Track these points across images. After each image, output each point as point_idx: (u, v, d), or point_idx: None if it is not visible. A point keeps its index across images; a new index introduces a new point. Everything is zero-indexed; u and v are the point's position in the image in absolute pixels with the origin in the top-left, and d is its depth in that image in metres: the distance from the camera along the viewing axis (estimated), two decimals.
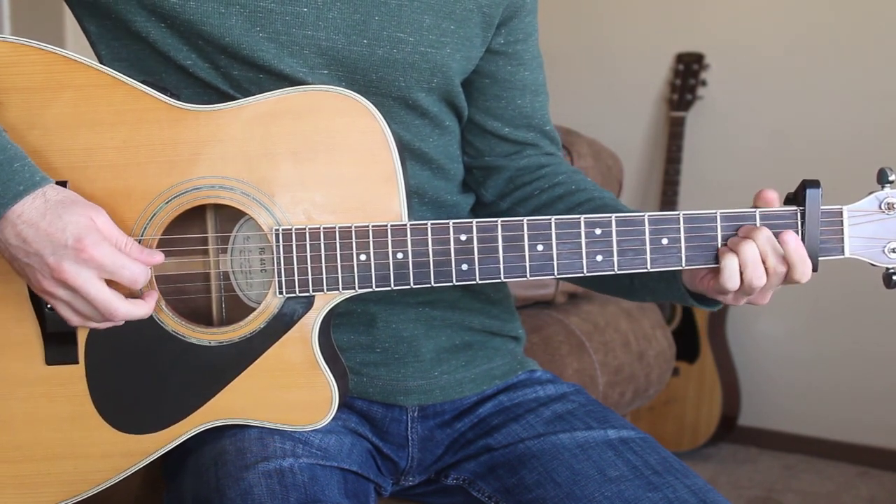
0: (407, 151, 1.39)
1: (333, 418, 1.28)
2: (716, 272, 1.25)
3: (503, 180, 1.50)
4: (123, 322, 1.22)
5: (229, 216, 1.28)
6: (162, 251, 1.25)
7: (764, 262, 1.22)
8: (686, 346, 3.67)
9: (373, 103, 1.24)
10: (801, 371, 3.77)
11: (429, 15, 1.35)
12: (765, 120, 3.73)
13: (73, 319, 1.20)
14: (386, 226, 1.23)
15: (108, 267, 1.16)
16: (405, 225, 1.23)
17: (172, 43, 1.29)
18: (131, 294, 1.22)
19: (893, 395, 3.57)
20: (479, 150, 1.50)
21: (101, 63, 1.34)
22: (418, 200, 1.42)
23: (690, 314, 3.69)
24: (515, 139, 1.50)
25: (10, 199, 1.14)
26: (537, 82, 1.51)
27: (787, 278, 1.24)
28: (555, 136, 1.54)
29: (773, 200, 1.26)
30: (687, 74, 3.80)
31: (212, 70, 1.31)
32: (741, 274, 1.23)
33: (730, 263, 1.23)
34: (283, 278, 1.24)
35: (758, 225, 1.24)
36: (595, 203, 1.42)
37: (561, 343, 2.15)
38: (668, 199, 3.75)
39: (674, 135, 3.80)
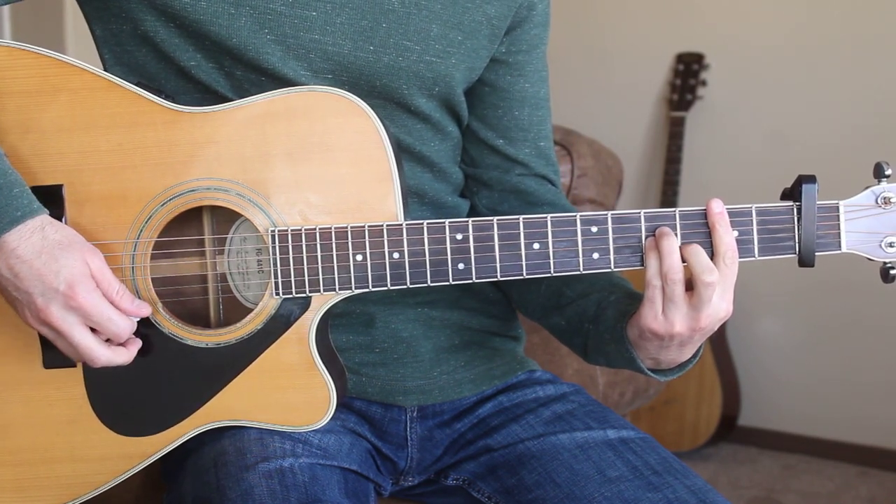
0: (408, 154, 1.39)
1: (332, 418, 1.28)
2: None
3: (495, 195, 1.50)
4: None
5: (226, 217, 1.28)
6: (159, 253, 1.25)
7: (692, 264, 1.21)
8: None
9: (374, 107, 1.24)
10: (801, 371, 3.76)
11: (437, 24, 1.35)
12: (765, 120, 3.73)
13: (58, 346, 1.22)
14: (382, 226, 1.23)
15: (94, 317, 1.17)
16: (401, 225, 1.23)
17: (179, 43, 1.30)
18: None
19: (893, 395, 3.57)
20: (473, 158, 1.51)
21: (105, 67, 1.34)
22: (418, 201, 1.42)
23: None
24: (506, 153, 1.49)
25: (6, 223, 1.14)
26: (538, 96, 1.50)
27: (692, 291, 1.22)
28: (549, 155, 1.53)
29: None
30: (687, 74, 3.80)
31: (215, 70, 1.31)
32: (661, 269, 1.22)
33: (650, 261, 1.22)
34: (280, 279, 1.23)
35: (753, 220, 1.23)
36: None
37: (561, 343, 2.15)
38: (668, 199, 3.75)
39: (674, 135, 3.79)
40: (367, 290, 1.24)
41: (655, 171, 3.96)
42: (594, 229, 1.23)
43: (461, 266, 1.23)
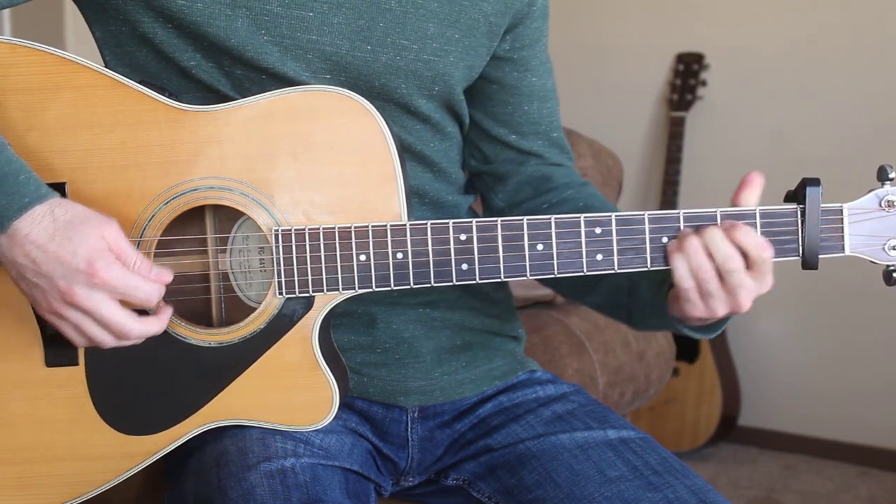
0: (409, 154, 1.39)
1: (334, 418, 1.28)
2: None
3: (511, 188, 1.51)
4: (141, 339, 1.20)
5: (228, 216, 1.28)
6: (161, 252, 1.25)
7: (714, 258, 1.21)
8: (686, 346, 3.67)
9: (374, 107, 1.24)
10: (801, 371, 3.77)
11: (433, 23, 1.35)
12: (765, 120, 3.73)
13: (79, 341, 1.19)
14: (385, 226, 1.22)
15: (120, 289, 1.15)
16: (405, 225, 1.23)
17: (178, 44, 1.29)
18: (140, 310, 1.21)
19: (893, 395, 3.57)
20: (486, 155, 1.51)
21: (107, 68, 1.34)
22: (419, 201, 1.42)
23: None
24: (520, 147, 1.50)
25: (15, 210, 1.13)
26: (545, 88, 1.50)
27: (752, 268, 1.22)
28: (563, 144, 1.54)
29: (756, 182, 1.25)
30: (687, 74, 3.80)
31: (215, 70, 1.31)
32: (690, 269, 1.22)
33: (676, 263, 1.22)
34: (283, 279, 1.23)
35: (757, 223, 1.23)
36: None
37: (561, 343, 2.15)
38: (668, 199, 3.75)
39: (674, 135, 3.80)
40: (370, 290, 1.24)
41: (655, 171, 3.96)
42: (598, 230, 1.23)
43: (465, 266, 1.23)
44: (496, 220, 1.23)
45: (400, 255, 1.23)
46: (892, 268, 1.24)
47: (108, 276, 1.14)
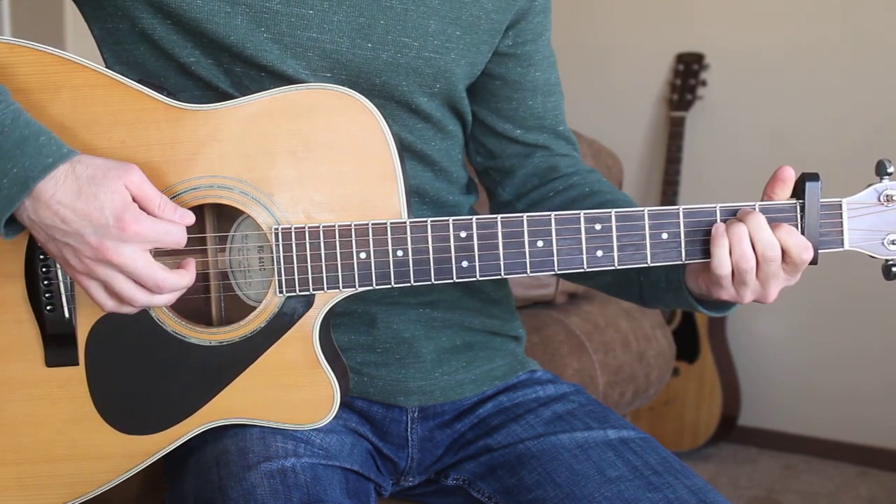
0: (409, 153, 1.39)
1: (334, 418, 1.28)
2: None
3: (518, 181, 1.51)
4: (171, 297, 1.20)
5: (228, 215, 1.27)
6: (161, 251, 1.25)
7: (753, 246, 1.21)
8: (686, 346, 3.67)
9: (375, 106, 1.23)
10: (801, 371, 3.77)
11: (434, 20, 1.35)
12: (765, 120, 3.73)
13: (108, 304, 1.18)
14: (385, 223, 1.22)
15: (153, 237, 1.15)
16: (405, 222, 1.23)
17: (177, 40, 1.29)
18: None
19: (893, 395, 3.57)
20: (492, 151, 1.51)
21: (106, 66, 1.34)
22: (419, 200, 1.42)
23: (691, 314, 3.69)
24: (526, 141, 1.50)
25: (39, 171, 1.12)
26: (549, 82, 1.51)
27: (787, 263, 1.23)
28: (569, 136, 1.54)
29: (790, 177, 1.25)
30: (687, 74, 3.80)
31: (214, 67, 1.31)
32: (731, 255, 1.22)
33: (718, 249, 1.22)
34: (283, 277, 1.23)
35: None
36: (609, 206, 1.42)
37: (561, 343, 2.15)
38: (668, 199, 3.75)
39: (674, 135, 3.80)
40: (370, 287, 1.24)
41: (655, 171, 3.96)
42: (598, 227, 1.23)
43: (465, 264, 1.23)
44: (496, 217, 1.23)
45: (400, 253, 1.23)
46: (890, 262, 1.25)
47: (139, 228, 1.13)
